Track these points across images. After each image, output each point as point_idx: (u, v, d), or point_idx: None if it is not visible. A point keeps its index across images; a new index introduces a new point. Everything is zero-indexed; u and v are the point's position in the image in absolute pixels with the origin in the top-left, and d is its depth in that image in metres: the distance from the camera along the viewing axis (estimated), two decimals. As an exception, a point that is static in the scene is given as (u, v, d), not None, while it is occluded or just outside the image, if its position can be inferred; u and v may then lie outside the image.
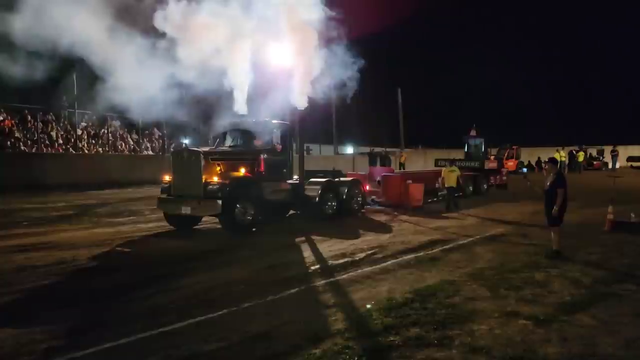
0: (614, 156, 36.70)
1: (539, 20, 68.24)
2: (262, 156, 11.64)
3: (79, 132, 25.93)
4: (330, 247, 9.27)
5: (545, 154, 29.79)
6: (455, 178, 15.13)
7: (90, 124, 27.49)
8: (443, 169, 16.20)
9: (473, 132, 21.89)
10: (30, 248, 9.07)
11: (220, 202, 10.11)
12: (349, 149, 39.74)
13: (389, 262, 8.07)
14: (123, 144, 28.54)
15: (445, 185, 15.28)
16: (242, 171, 10.98)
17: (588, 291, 6.39)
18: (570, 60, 63.97)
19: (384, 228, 11.74)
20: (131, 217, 13.19)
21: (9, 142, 22.23)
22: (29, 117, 24.25)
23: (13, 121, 23.53)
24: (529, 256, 8.42)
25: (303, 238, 10.23)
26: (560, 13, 66.67)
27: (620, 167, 36.85)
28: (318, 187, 12.43)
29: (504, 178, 21.04)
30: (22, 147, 22.58)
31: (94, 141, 27.02)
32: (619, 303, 5.92)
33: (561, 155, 32.43)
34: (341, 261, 8.15)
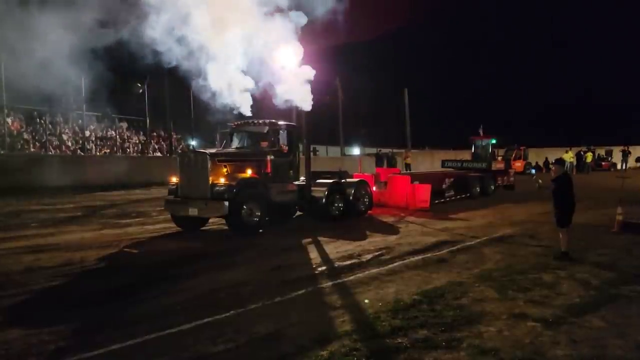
0: (625, 155, 36.37)
1: (546, 19, 67.97)
2: (268, 157, 11.63)
3: (87, 133, 26.09)
4: (337, 249, 9.26)
5: (552, 154, 29.58)
6: None
7: (98, 125, 27.68)
8: None
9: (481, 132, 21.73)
10: (38, 249, 9.13)
11: (227, 203, 10.12)
12: (356, 150, 39.65)
13: (396, 264, 8.04)
14: (130, 146, 28.69)
15: None
16: (249, 172, 10.98)
17: (597, 293, 6.34)
18: (577, 60, 63.66)
19: (391, 229, 11.70)
20: (139, 219, 13.24)
21: (18, 144, 22.41)
22: (38, 119, 24.45)
23: (22, 123, 23.73)
24: (537, 257, 8.36)
25: (310, 239, 10.22)
26: (567, 12, 66.39)
27: (629, 167, 36.53)
28: (325, 188, 12.42)
29: (512, 179, 20.94)
30: (31, 149, 22.76)
31: (101, 143, 27.18)
32: (628, 305, 5.87)
33: (570, 155, 32.19)
34: (348, 262, 8.14)
